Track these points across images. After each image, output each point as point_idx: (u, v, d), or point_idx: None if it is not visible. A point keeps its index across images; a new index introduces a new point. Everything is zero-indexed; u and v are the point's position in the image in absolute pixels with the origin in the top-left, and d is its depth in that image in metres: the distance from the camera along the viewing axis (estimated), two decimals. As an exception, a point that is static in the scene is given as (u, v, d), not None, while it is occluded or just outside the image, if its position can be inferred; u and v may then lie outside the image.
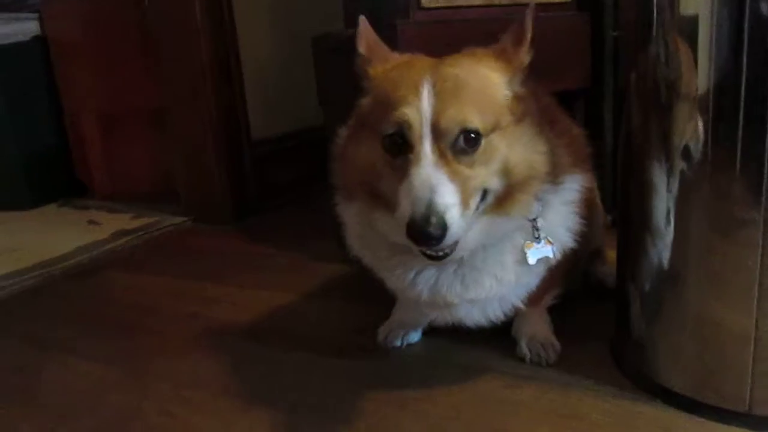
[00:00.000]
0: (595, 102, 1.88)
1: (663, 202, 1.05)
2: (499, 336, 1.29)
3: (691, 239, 1.03)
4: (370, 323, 1.40)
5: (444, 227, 0.91)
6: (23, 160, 2.59)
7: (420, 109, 0.96)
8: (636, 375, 1.15)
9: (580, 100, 1.85)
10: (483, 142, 0.98)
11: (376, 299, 1.36)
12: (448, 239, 0.93)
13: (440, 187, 0.93)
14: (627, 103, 1.14)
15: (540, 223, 1.10)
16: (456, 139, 0.96)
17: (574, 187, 1.14)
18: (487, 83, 1.03)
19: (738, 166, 0.96)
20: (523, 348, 1.26)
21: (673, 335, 1.08)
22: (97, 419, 1.18)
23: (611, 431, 1.03)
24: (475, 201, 0.99)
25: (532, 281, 1.16)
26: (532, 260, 1.10)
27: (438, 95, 0.97)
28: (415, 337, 1.36)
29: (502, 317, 1.20)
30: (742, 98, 0.94)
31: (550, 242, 1.11)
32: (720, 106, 0.96)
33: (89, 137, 2.65)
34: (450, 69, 1.02)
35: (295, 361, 1.33)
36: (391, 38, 1.63)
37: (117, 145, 2.63)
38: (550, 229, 1.11)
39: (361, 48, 1.10)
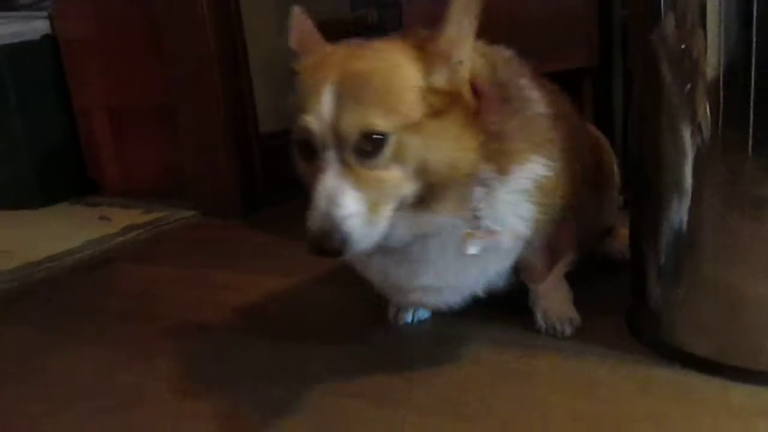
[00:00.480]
0: (604, 81, 1.86)
1: (678, 177, 1.04)
2: (514, 309, 1.27)
3: (706, 214, 1.02)
4: (380, 303, 1.38)
5: (344, 241, 0.89)
6: (34, 158, 2.60)
7: (320, 116, 0.92)
8: (653, 342, 1.13)
9: (588, 80, 1.83)
10: (392, 141, 0.92)
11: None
12: (351, 250, 0.90)
13: (341, 198, 0.90)
14: (636, 81, 1.12)
15: (484, 212, 1.02)
16: (358, 143, 0.91)
17: (524, 176, 1.05)
18: (395, 76, 0.95)
19: (750, 141, 0.95)
20: (538, 320, 1.24)
21: (692, 301, 1.07)
22: (106, 399, 1.17)
23: (630, 396, 1.01)
24: (388, 206, 0.94)
25: (490, 269, 1.12)
26: (472, 250, 1.03)
27: (338, 98, 0.92)
28: (425, 313, 1.34)
29: (462, 303, 1.17)
30: (753, 71, 0.92)
31: (495, 232, 1.04)
32: (730, 81, 0.94)
33: (100, 135, 2.65)
34: (355, 64, 0.95)
35: (304, 340, 1.32)
36: (396, 17, 1.63)
37: (128, 142, 2.63)
38: (499, 217, 1.04)
39: (292, 42, 1.04)
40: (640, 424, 0.94)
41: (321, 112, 0.92)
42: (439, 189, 0.97)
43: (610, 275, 1.43)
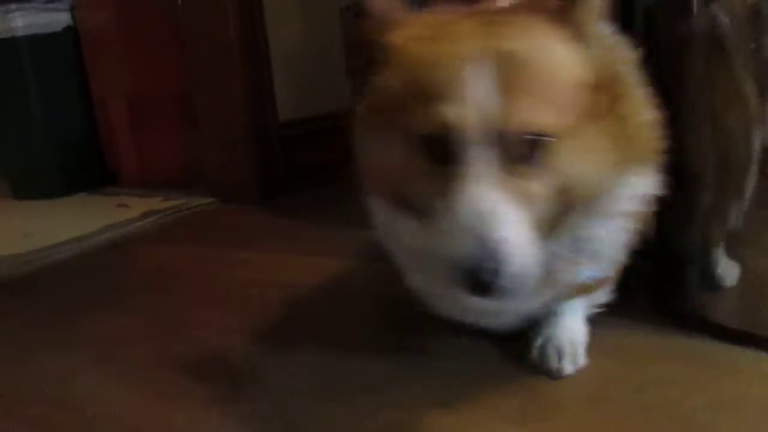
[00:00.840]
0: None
1: (711, 162, 1.04)
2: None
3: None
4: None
5: (508, 273, 0.69)
6: (55, 149, 2.63)
7: (471, 105, 0.71)
8: (683, 315, 1.11)
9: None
10: (552, 147, 0.73)
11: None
12: (518, 286, 0.71)
13: (501, 215, 0.70)
14: (662, 73, 1.10)
15: (582, 234, 0.86)
16: (520, 145, 0.72)
17: (629, 194, 0.86)
18: (555, 62, 0.75)
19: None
20: (535, 345, 0.99)
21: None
22: (124, 364, 1.18)
23: (658, 362, 0.99)
24: (542, 226, 0.75)
25: (549, 294, 0.96)
26: (581, 276, 0.89)
27: (495, 83, 0.71)
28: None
29: (513, 326, 1.02)
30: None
31: (580, 261, 0.89)
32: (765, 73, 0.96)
33: (119, 126, 2.68)
34: (508, 42, 0.74)
35: (324, 308, 1.33)
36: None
37: (147, 133, 2.65)
38: (596, 243, 0.87)
39: (375, 6, 0.83)
40: (666, 388, 0.93)
41: (472, 101, 0.71)
42: (570, 211, 0.79)
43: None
